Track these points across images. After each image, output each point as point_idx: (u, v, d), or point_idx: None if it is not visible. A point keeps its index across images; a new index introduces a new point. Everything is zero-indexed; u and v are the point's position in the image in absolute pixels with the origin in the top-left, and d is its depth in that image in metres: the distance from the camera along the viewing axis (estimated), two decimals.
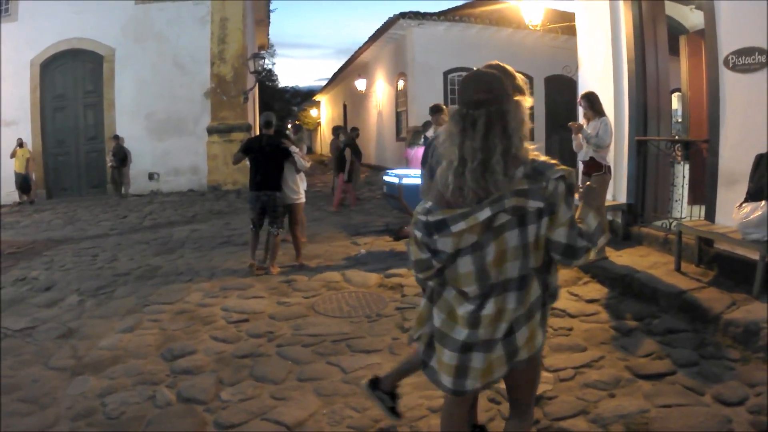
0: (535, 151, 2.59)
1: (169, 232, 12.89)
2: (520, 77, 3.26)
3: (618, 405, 4.37)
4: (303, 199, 9.38)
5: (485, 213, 2.44)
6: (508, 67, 3.28)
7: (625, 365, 5.08)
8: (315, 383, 4.96)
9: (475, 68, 3.01)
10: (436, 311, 2.75)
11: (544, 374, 4.91)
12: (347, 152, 15.68)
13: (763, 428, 3.97)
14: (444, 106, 10.02)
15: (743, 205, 6.49)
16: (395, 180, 12.16)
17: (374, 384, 4.07)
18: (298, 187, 9.14)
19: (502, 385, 3.14)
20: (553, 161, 2.57)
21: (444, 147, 2.57)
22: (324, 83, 45.24)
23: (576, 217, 2.62)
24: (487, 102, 2.49)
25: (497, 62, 3.32)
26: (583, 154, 8.42)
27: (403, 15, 20.24)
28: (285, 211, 9.07)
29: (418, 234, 2.57)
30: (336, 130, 18.04)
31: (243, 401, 4.65)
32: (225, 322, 6.59)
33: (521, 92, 3.04)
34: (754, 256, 6.36)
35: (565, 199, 2.51)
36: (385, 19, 22.92)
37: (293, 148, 8.83)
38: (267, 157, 8.72)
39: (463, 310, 2.62)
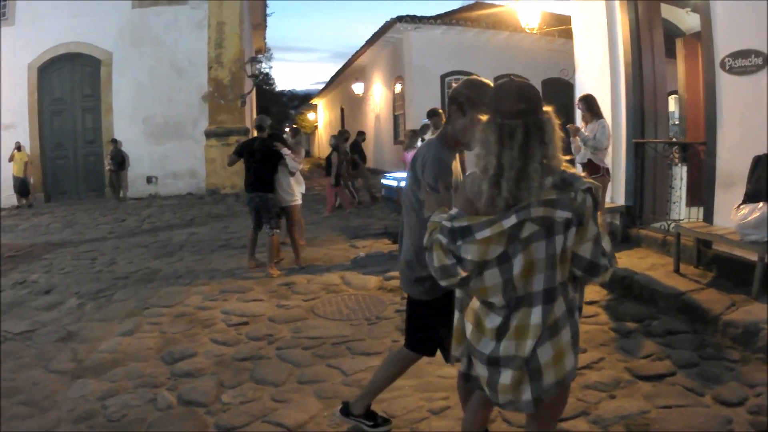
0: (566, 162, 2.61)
1: (168, 236, 12.92)
2: None
3: (618, 406, 4.39)
4: (298, 201, 9.42)
5: (511, 220, 2.43)
6: (485, 80, 3.33)
7: (625, 366, 5.10)
8: (315, 386, 4.97)
9: (473, 77, 3.17)
10: (465, 321, 2.75)
11: None
12: (334, 156, 15.65)
13: (763, 428, 3.98)
14: (441, 110, 10.10)
15: (741, 206, 6.52)
16: (394, 183, 12.20)
17: (345, 410, 4.18)
18: (293, 189, 9.18)
19: None
20: (582, 174, 2.59)
21: (478, 156, 2.56)
22: (321, 87, 45.32)
23: None
24: (525, 112, 2.51)
25: (476, 76, 3.37)
26: (581, 156, 8.47)
27: (400, 19, 20.25)
28: (280, 212, 9.13)
29: (443, 239, 2.54)
30: (342, 134, 18.04)
31: (244, 404, 4.66)
32: (225, 325, 6.60)
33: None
34: (753, 257, 6.38)
35: (592, 214, 2.52)
36: (381, 22, 22.96)
37: (285, 151, 8.87)
38: (259, 160, 8.84)
39: (491, 323, 2.61)
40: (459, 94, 3.34)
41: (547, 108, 2.60)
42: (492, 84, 3.22)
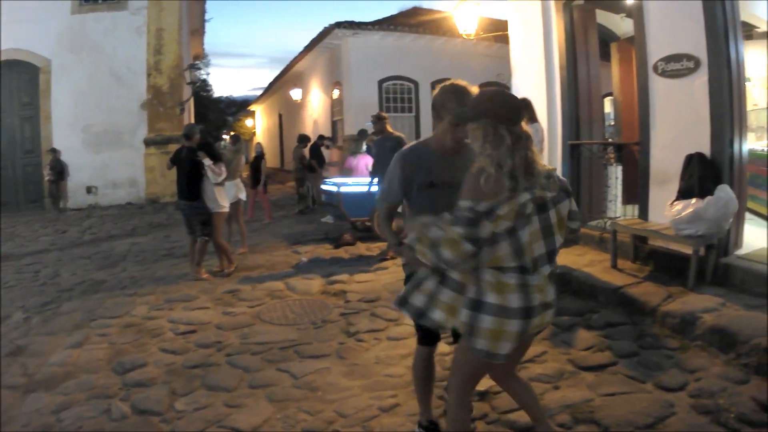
0: None
1: (110, 246, 12.76)
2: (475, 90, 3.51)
3: (563, 396, 4.57)
4: (222, 209, 9.30)
5: (525, 196, 2.95)
6: (459, 84, 3.55)
7: (567, 358, 5.29)
8: (267, 390, 5.03)
9: (449, 82, 3.58)
10: (489, 295, 3.04)
11: None
12: (263, 163, 15.48)
13: (704, 410, 4.21)
14: (385, 114, 10.24)
15: (675, 202, 6.80)
16: (334, 188, 12.28)
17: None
18: (218, 197, 9.15)
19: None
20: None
21: (490, 156, 2.97)
22: (258, 93, 44.82)
23: None
24: (521, 121, 3.04)
25: (452, 81, 3.60)
26: None
27: (338, 24, 20.24)
28: (208, 220, 9.19)
29: (460, 230, 2.90)
30: (303, 139, 17.85)
31: (198, 410, 4.68)
32: (173, 334, 6.58)
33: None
34: (688, 250, 6.66)
35: None
36: (318, 28, 22.92)
37: (206, 161, 8.87)
38: (185, 169, 8.97)
39: (511, 279, 3.03)
40: (436, 101, 3.62)
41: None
42: (469, 87, 3.54)
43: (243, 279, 9.00)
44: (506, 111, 3.01)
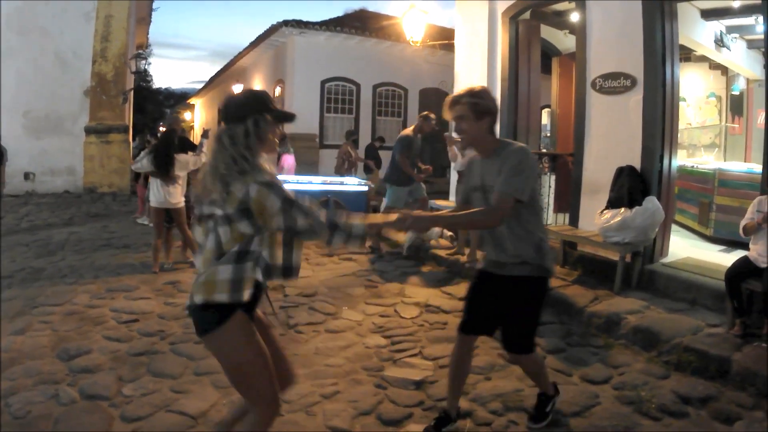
0: None
1: (49, 234, 12.58)
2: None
3: (494, 386, 4.88)
4: (151, 203, 9.18)
5: None
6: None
7: (498, 353, 5.55)
8: (212, 377, 5.12)
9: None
10: None
11: (426, 362, 5.44)
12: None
13: (627, 401, 4.58)
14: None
15: (604, 211, 7.20)
16: None
17: None
18: (152, 190, 9.04)
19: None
20: None
21: None
22: (198, 86, 44.23)
23: None
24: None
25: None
26: (459, 164, 8.90)
27: (286, 23, 20.25)
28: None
29: None
30: (351, 134, 17.38)
31: (145, 395, 4.75)
32: (116, 323, 6.59)
33: None
34: (615, 256, 7.10)
35: None
36: (260, 24, 22.80)
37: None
38: None
39: None
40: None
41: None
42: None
43: (183, 271, 9.04)
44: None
